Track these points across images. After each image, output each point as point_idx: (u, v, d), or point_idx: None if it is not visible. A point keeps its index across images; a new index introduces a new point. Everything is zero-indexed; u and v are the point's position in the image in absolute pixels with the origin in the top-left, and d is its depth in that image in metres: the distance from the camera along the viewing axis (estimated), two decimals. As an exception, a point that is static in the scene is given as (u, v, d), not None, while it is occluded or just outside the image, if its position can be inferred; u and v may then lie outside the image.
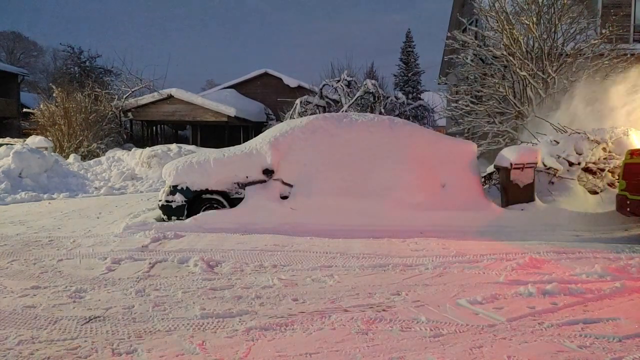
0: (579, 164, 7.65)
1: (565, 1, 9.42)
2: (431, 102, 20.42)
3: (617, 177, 7.76)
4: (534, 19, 9.39)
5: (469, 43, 10.82)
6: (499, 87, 9.81)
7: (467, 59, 11.35)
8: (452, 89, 13.26)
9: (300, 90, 24.24)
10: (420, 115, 20.13)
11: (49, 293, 3.81)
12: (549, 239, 5.92)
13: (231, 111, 22.84)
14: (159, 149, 14.38)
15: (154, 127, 26.77)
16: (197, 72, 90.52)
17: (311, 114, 12.05)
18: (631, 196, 5.96)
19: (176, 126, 29.17)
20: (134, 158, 13.85)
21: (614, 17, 9.79)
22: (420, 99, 24.30)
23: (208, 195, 6.94)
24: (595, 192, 7.63)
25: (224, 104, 23.27)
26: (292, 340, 2.98)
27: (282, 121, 13.62)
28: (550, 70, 9.34)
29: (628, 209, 6.04)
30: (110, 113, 20.72)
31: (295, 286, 4.03)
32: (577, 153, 7.69)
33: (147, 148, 14.87)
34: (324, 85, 17.38)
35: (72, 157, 14.66)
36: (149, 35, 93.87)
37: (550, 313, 3.44)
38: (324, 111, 16.22)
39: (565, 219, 6.89)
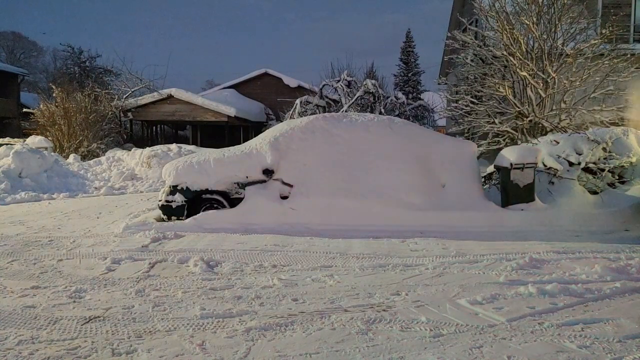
0: (579, 164, 7.65)
1: (565, 1, 9.40)
2: (431, 102, 20.39)
3: (616, 177, 7.77)
4: (534, 19, 9.38)
5: (469, 43, 10.81)
6: (499, 87, 9.80)
7: (467, 59, 11.34)
8: (452, 89, 13.24)
9: (300, 90, 24.21)
10: (420, 115, 20.13)
11: (48, 293, 3.81)
12: (549, 239, 5.91)
13: (231, 111, 22.84)
14: (159, 149, 14.36)
15: (154, 127, 26.76)
16: (197, 72, 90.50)
17: (311, 114, 12.04)
18: None
19: (176, 126, 29.16)
20: (134, 158, 13.83)
21: (614, 17, 9.77)
22: (420, 99, 24.28)
23: (208, 195, 6.93)
24: (595, 192, 7.62)
25: (224, 104, 23.25)
26: (292, 340, 2.98)
27: (282, 121, 13.61)
28: (550, 70, 9.33)
29: None
30: (110, 113, 20.69)
31: (295, 286, 4.03)
32: (577, 153, 7.69)
33: (147, 148, 14.85)
34: (324, 85, 17.36)
35: (72, 157, 14.64)
36: (149, 35, 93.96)
37: (550, 313, 3.45)
38: (324, 111, 16.21)
39: (565, 219, 6.89)
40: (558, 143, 7.88)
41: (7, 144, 13.28)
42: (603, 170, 7.70)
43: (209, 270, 4.49)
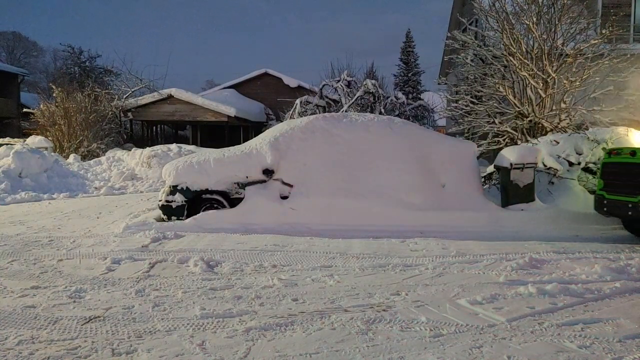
0: (579, 164, 7.65)
1: (565, 1, 9.40)
2: (431, 102, 20.37)
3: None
4: (534, 19, 9.38)
5: (469, 43, 10.81)
6: (499, 87, 9.81)
7: (467, 59, 11.34)
8: (452, 89, 13.24)
9: (300, 90, 24.22)
10: (420, 115, 20.11)
11: (49, 293, 3.81)
12: (549, 239, 5.91)
13: (231, 111, 22.84)
14: (159, 149, 14.36)
15: (154, 127, 26.76)
16: (197, 72, 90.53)
17: (311, 114, 12.04)
18: (608, 196, 5.99)
19: (176, 126, 29.16)
20: (134, 158, 13.83)
21: (614, 17, 9.77)
22: (420, 99, 24.27)
23: (208, 195, 6.93)
24: (595, 192, 7.62)
25: (224, 104, 23.26)
26: (292, 340, 2.98)
27: (282, 121, 13.61)
28: (550, 70, 9.33)
29: (605, 209, 6.07)
30: (110, 113, 20.69)
31: (295, 286, 4.03)
32: (577, 153, 7.69)
33: (147, 148, 14.86)
34: (324, 86, 17.35)
35: (72, 157, 14.65)
36: (149, 35, 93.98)
37: (550, 313, 3.45)
38: (324, 111, 16.20)
39: (565, 219, 6.89)
40: (558, 143, 7.89)
41: (7, 144, 13.28)
42: (603, 170, 7.69)
43: (209, 270, 4.49)
